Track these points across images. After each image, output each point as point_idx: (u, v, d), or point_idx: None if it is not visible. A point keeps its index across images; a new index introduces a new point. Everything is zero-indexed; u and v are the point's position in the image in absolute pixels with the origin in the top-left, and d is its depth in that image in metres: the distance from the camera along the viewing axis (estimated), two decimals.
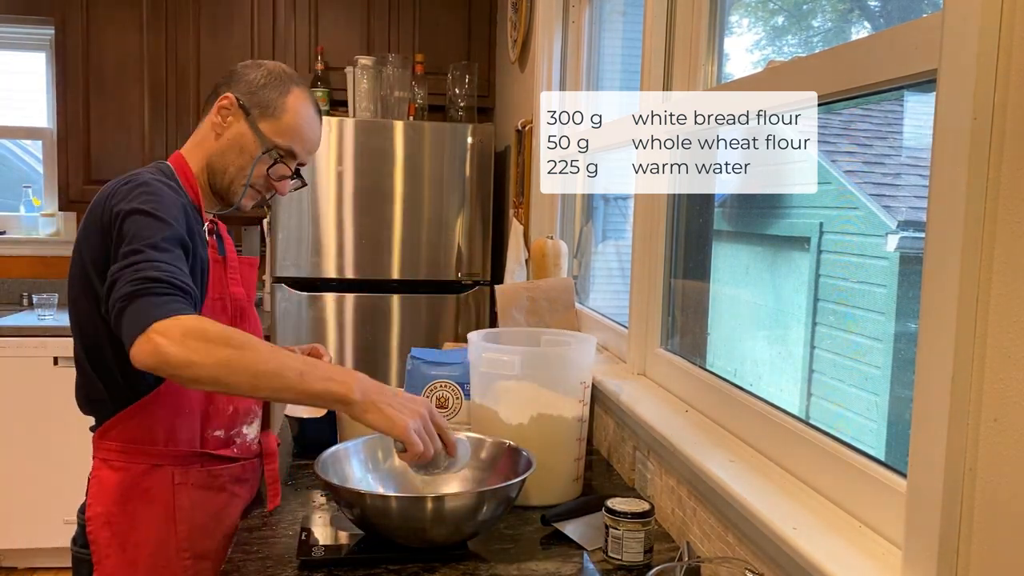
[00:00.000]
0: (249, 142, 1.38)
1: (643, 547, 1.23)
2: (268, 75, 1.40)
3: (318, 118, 1.46)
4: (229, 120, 1.39)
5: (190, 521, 1.34)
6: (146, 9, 3.37)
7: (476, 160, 3.18)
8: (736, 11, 1.82)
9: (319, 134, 1.46)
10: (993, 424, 0.72)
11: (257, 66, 1.42)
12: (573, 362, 1.51)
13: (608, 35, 2.53)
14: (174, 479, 1.33)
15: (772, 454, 1.22)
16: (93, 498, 1.33)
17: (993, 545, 0.72)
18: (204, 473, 1.36)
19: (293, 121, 1.40)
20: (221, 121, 1.39)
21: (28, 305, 3.65)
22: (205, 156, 1.41)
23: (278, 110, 1.39)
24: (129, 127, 3.41)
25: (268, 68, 1.42)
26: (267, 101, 1.39)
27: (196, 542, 1.35)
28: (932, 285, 0.78)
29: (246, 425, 1.46)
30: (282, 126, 1.39)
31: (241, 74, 1.41)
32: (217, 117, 1.39)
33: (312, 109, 1.44)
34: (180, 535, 1.33)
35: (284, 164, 1.42)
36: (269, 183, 1.43)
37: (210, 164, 1.40)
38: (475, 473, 1.39)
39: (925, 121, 0.85)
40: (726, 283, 1.86)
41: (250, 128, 1.38)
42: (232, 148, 1.39)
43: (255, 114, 1.38)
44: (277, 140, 1.39)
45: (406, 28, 3.55)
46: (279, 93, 1.39)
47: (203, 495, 1.36)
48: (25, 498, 3.19)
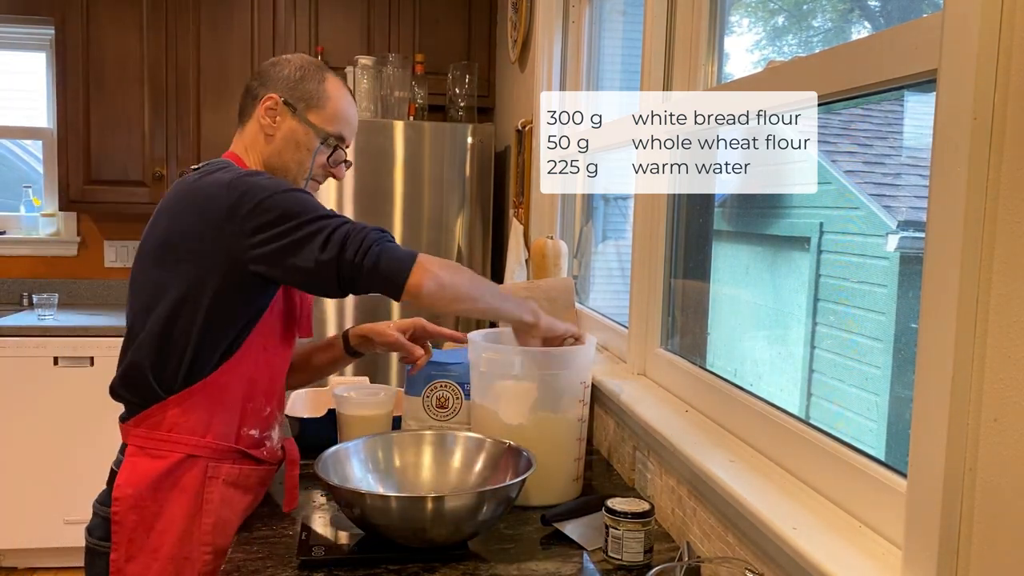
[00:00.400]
0: (302, 136, 1.42)
1: (643, 547, 1.23)
2: (301, 68, 1.44)
3: (352, 99, 1.50)
4: (278, 120, 1.42)
5: (216, 515, 1.35)
6: (146, 9, 3.37)
7: (476, 160, 3.18)
8: (736, 11, 1.82)
9: (355, 114, 1.51)
10: (993, 424, 0.72)
11: (286, 62, 1.45)
12: (573, 362, 1.51)
13: (608, 35, 2.53)
14: (207, 472, 1.35)
15: (772, 454, 1.22)
16: (124, 480, 1.33)
17: (993, 545, 0.72)
18: (236, 471, 1.38)
19: (337, 106, 1.45)
20: (271, 122, 1.42)
21: (28, 305, 3.64)
22: (261, 158, 1.44)
23: (321, 99, 1.43)
24: (129, 127, 3.41)
25: (297, 62, 1.45)
26: (309, 93, 1.42)
27: (218, 537, 1.35)
28: (932, 285, 0.78)
29: (274, 429, 1.47)
30: (329, 114, 1.44)
31: (274, 73, 1.44)
32: (266, 119, 1.42)
33: (347, 91, 1.49)
34: (204, 528, 1.34)
35: (341, 149, 1.47)
36: (327, 170, 1.48)
37: (268, 165, 1.43)
38: (475, 473, 1.39)
39: (925, 121, 0.85)
40: (726, 283, 1.86)
41: (300, 123, 1.42)
42: (288, 146, 1.43)
43: (301, 108, 1.42)
44: (328, 128, 1.43)
45: (406, 28, 3.55)
46: (317, 82, 1.43)
47: (231, 492, 1.37)
48: (25, 498, 3.19)
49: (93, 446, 1.42)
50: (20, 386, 3.16)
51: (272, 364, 1.43)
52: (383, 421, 1.66)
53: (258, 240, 1.27)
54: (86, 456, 2.94)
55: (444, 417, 1.74)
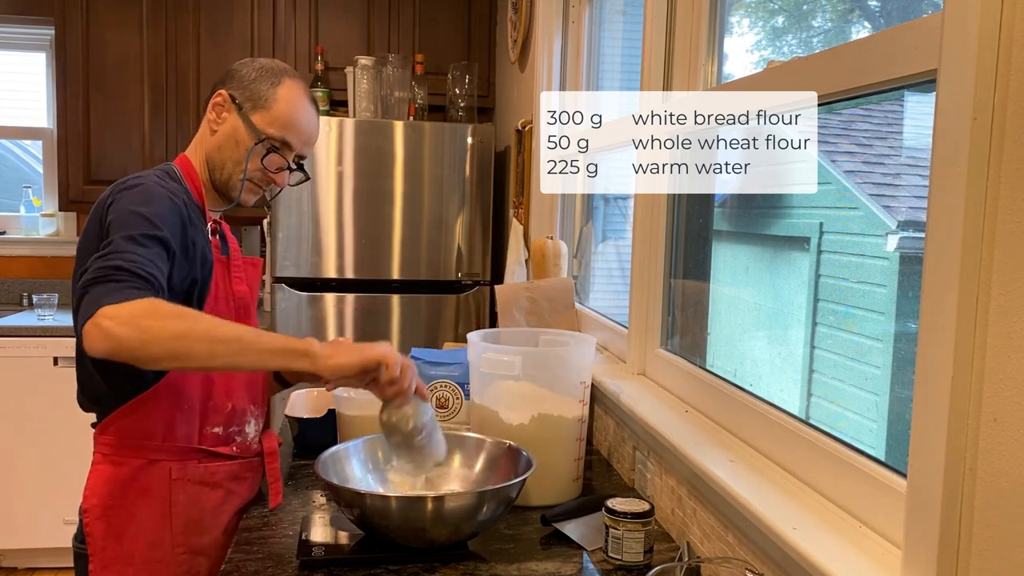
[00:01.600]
0: (243, 135, 1.39)
1: (643, 547, 1.23)
2: (260, 69, 1.42)
3: (313, 109, 1.46)
4: (224, 116, 1.40)
5: (186, 516, 1.34)
6: (146, 9, 3.37)
7: (476, 160, 3.18)
8: (736, 11, 1.82)
9: (315, 125, 1.46)
10: (993, 424, 0.72)
11: (251, 62, 1.44)
12: (573, 362, 1.51)
13: (608, 35, 2.53)
14: (171, 474, 1.34)
15: (772, 454, 1.22)
16: (90, 491, 1.34)
17: (993, 545, 0.72)
18: (201, 469, 1.37)
19: (285, 110, 1.40)
20: (216, 117, 1.41)
21: (28, 305, 3.64)
22: (204, 152, 1.42)
23: (269, 101, 1.40)
24: (129, 127, 3.41)
25: (261, 63, 1.43)
26: (258, 93, 1.40)
27: (191, 537, 1.35)
28: (932, 285, 0.78)
29: (247, 424, 1.46)
30: (273, 116, 1.40)
31: (236, 71, 1.43)
32: (212, 114, 1.41)
33: (306, 100, 1.44)
34: (175, 530, 1.34)
35: (278, 154, 1.42)
36: (267, 175, 1.43)
37: (209, 159, 1.42)
38: (475, 473, 1.39)
39: (925, 121, 0.85)
40: (726, 283, 1.86)
41: (242, 121, 1.39)
42: (227, 142, 1.40)
43: (247, 107, 1.40)
44: (269, 130, 1.40)
45: (406, 28, 3.55)
46: (270, 84, 1.41)
47: (199, 491, 1.36)
48: (25, 498, 3.19)
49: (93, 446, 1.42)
50: (20, 386, 3.16)
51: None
52: None
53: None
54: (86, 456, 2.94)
55: (444, 417, 1.74)
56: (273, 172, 1.43)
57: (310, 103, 1.45)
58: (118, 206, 1.23)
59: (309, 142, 1.46)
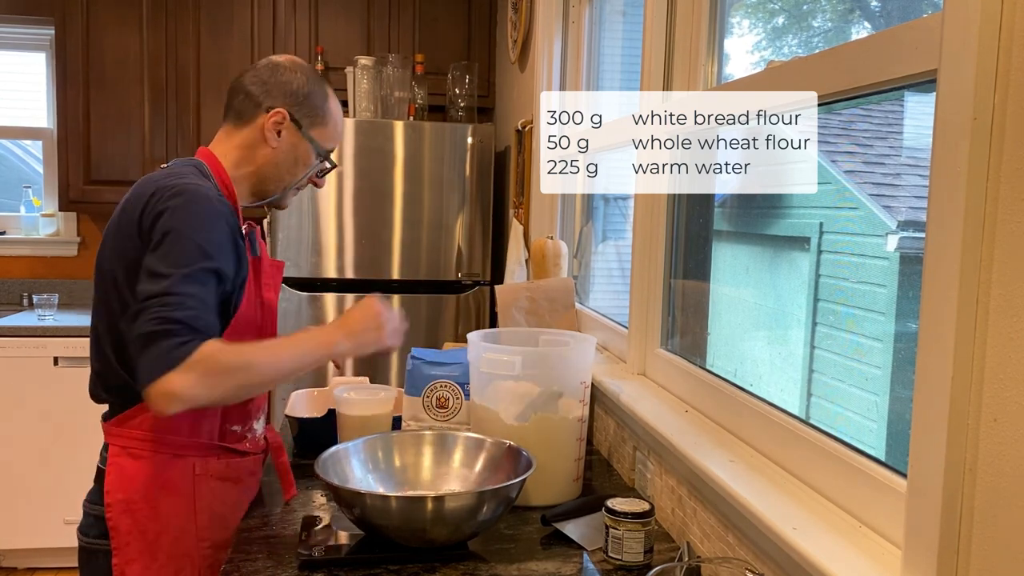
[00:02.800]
0: (303, 152, 1.43)
1: (643, 547, 1.23)
2: (308, 81, 1.43)
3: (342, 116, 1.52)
4: (283, 135, 1.41)
5: (210, 511, 1.37)
6: (146, 9, 3.37)
7: (476, 160, 3.18)
8: (736, 11, 1.82)
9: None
10: (993, 424, 0.72)
11: (290, 72, 1.42)
12: (573, 362, 1.51)
13: (608, 35, 2.53)
14: (195, 469, 1.36)
15: (772, 454, 1.22)
16: (113, 486, 1.33)
17: (993, 545, 0.72)
18: (223, 465, 1.39)
19: (336, 124, 1.48)
20: (275, 136, 1.41)
21: (28, 305, 3.64)
22: (255, 166, 1.42)
23: (324, 117, 1.44)
24: (129, 127, 3.41)
25: (301, 74, 1.43)
26: (315, 110, 1.43)
27: (215, 531, 1.37)
28: (932, 285, 0.78)
29: (256, 421, 1.48)
30: (328, 132, 1.46)
31: (279, 82, 1.41)
32: (271, 132, 1.40)
33: (340, 109, 1.50)
34: (200, 524, 1.36)
35: (329, 163, 1.49)
36: (311, 180, 1.50)
37: (262, 173, 1.43)
38: (475, 473, 1.39)
39: (925, 121, 0.85)
40: (726, 283, 1.86)
41: (305, 139, 1.42)
42: (288, 159, 1.43)
43: (306, 125, 1.42)
44: (328, 145, 1.46)
45: (406, 28, 3.55)
46: (322, 99, 1.44)
47: (222, 486, 1.39)
48: (25, 498, 3.19)
49: (93, 446, 1.42)
50: (20, 386, 3.16)
51: None
52: (383, 421, 1.66)
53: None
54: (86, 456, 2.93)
55: (444, 417, 1.74)
56: (319, 178, 1.50)
57: (341, 112, 1.51)
58: (173, 223, 1.23)
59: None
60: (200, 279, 1.21)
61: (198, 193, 1.27)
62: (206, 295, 1.22)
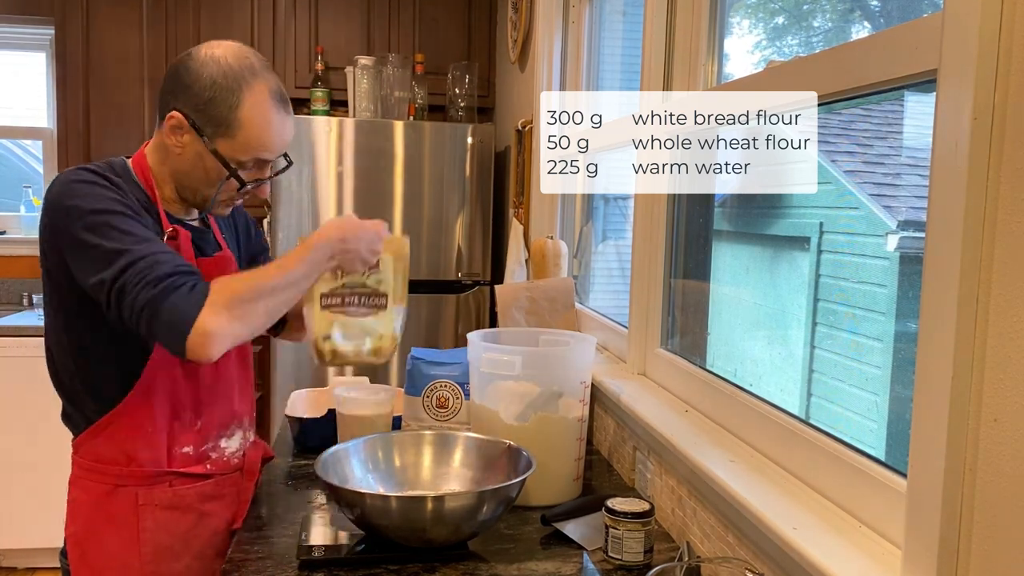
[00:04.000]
0: (210, 163, 1.26)
1: (643, 547, 1.23)
2: (213, 85, 1.23)
3: (281, 112, 1.29)
4: (184, 139, 1.26)
5: (154, 543, 1.30)
6: (146, 8, 3.37)
7: (476, 160, 3.18)
8: (736, 11, 1.82)
9: (286, 129, 1.31)
10: (993, 424, 0.72)
11: (200, 69, 1.24)
12: (573, 362, 1.51)
13: (608, 35, 2.53)
14: (138, 499, 1.29)
15: (772, 454, 1.22)
16: (68, 518, 1.32)
17: (993, 545, 0.72)
18: (170, 493, 1.31)
19: (252, 133, 1.25)
20: (176, 141, 1.26)
21: (28, 305, 3.64)
22: (171, 172, 1.31)
23: (232, 127, 1.24)
24: (129, 127, 3.41)
25: (211, 73, 1.24)
26: (218, 118, 1.24)
27: (161, 564, 1.30)
28: (932, 285, 0.78)
29: (224, 439, 1.40)
30: (240, 143, 1.25)
31: (186, 85, 1.25)
32: (171, 138, 1.26)
33: (273, 108, 1.27)
34: (144, 557, 1.29)
35: (253, 172, 1.31)
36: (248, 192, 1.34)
37: (178, 181, 1.31)
38: (475, 473, 1.39)
39: (925, 121, 0.85)
40: (726, 283, 1.86)
41: (207, 149, 1.25)
42: (194, 169, 1.28)
43: (209, 133, 1.25)
44: (240, 157, 1.27)
45: (406, 28, 3.55)
46: (228, 107, 1.23)
47: (168, 516, 1.31)
48: (25, 498, 3.19)
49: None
50: (20, 386, 3.16)
51: (199, 375, 1.33)
52: (383, 421, 1.66)
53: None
54: None
55: (444, 417, 1.74)
56: (251, 186, 1.32)
57: (278, 107, 1.28)
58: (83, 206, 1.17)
59: (285, 147, 1.34)
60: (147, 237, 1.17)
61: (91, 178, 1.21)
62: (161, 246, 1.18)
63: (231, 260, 1.44)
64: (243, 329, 1.19)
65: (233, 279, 1.20)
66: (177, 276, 1.14)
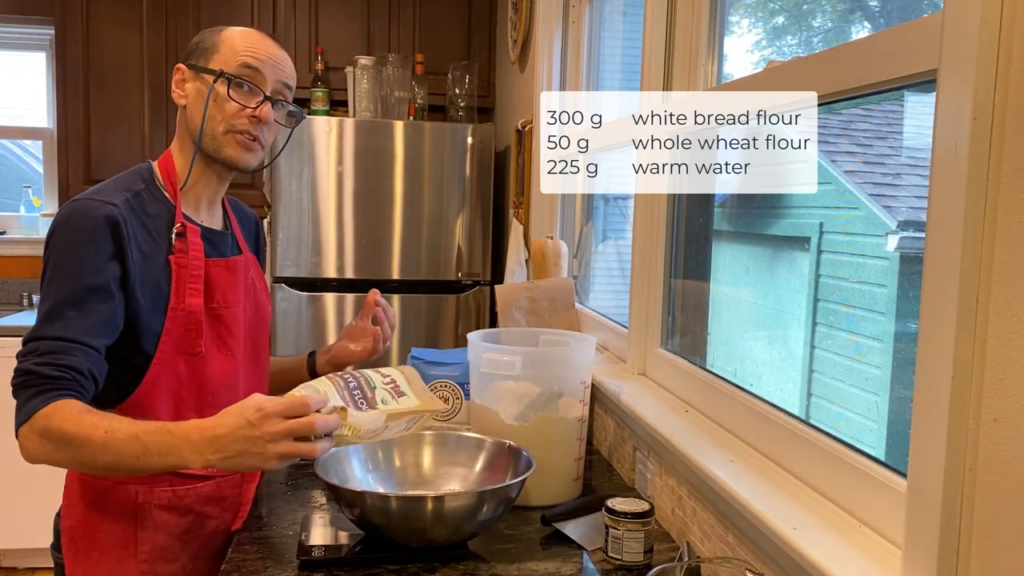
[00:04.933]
0: (203, 87, 1.31)
1: (643, 547, 1.23)
2: (203, 32, 1.39)
3: (269, 40, 1.37)
4: (185, 86, 1.34)
5: (152, 543, 1.30)
6: (146, 9, 3.38)
7: (476, 160, 3.18)
8: (736, 11, 1.82)
9: (275, 48, 1.36)
10: (993, 424, 0.72)
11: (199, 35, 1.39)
12: (573, 362, 1.51)
13: (608, 35, 2.53)
14: (138, 498, 1.29)
15: (772, 454, 1.22)
16: (65, 510, 1.32)
17: (993, 545, 0.72)
18: (169, 493, 1.31)
19: (231, 44, 1.33)
20: (181, 92, 1.35)
21: (28, 305, 3.65)
22: (185, 131, 1.36)
23: (213, 48, 1.33)
24: (129, 127, 3.42)
25: (209, 29, 1.39)
26: (204, 47, 1.34)
27: (157, 564, 1.30)
28: (932, 285, 0.78)
29: None
30: (223, 54, 1.32)
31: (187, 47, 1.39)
32: (176, 91, 1.36)
33: (255, 31, 1.37)
34: (141, 556, 1.29)
35: (247, 84, 1.31)
36: (249, 115, 1.31)
37: (191, 133, 1.34)
38: (475, 473, 1.39)
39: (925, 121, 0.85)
40: (726, 283, 1.86)
41: (199, 76, 1.32)
42: (195, 105, 1.32)
43: (201, 64, 1.33)
44: (223, 67, 1.31)
45: (406, 28, 3.55)
46: (211, 34, 1.36)
47: (167, 516, 1.31)
48: (25, 498, 3.19)
49: None
50: None
51: (204, 374, 1.32)
52: None
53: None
54: None
55: (444, 417, 1.74)
56: (252, 108, 1.31)
57: (262, 35, 1.37)
58: (47, 250, 1.22)
59: (277, 66, 1.34)
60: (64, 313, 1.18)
61: (76, 210, 1.22)
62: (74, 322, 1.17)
63: (251, 263, 1.46)
64: (48, 462, 1.16)
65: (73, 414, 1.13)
66: (31, 376, 1.15)
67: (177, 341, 1.29)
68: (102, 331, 1.20)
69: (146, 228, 1.27)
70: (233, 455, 1.08)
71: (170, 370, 1.29)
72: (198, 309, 1.30)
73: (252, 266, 1.46)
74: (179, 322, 1.29)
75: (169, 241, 1.29)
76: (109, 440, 1.11)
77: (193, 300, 1.30)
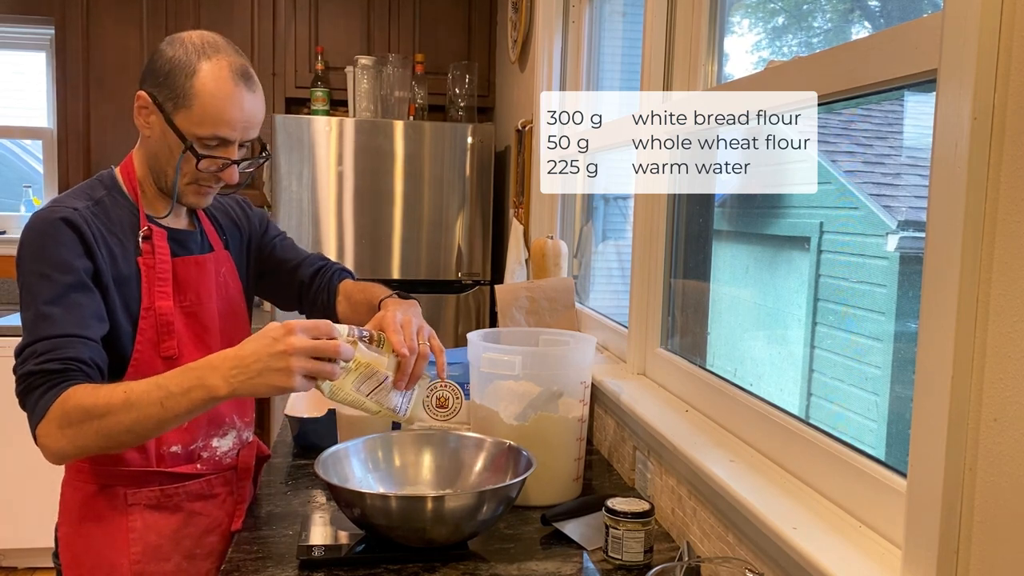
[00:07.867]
0: (172, 141, 1.26)
1: (643, 547, 1.23)
2: (171, 59, 1.24)
3: (243, 88, 1.26)
4: (151, 119, 1.27)
5: (143, 543, 1.29)
6: (146, 8, 3.38)
7: (476, 160, 3.18)
8: (736, 11, 1.82)
9: (250, 106, 1.27)
10: (993, 424, 0.72)
11: (168, 48, 1.26)
12: (573, 362, 1.51)
13: (608, 35, 2.53)
14: (126, 499, 1.29)
15: (772, 454, 1.22)
16: (61, 517, 1.33)
17: (993, 545, 0.72)
18: (158, 492, 1.31)
19: (207, 104, 1.23)
20: (144, 122, 1.29)
21: None
22: (145, 159, 1.33)
23: (188, 97, 1.23)
24: (129, 127, 3.35)
25: (174, 50, 1.25)
26: (175, 91, 1.23)
27: (150, 564, 1.30)
28: (932, 285, 0.78)
29: (216, 438, 1.38)
30: (196, 115, 1.24)
31: (152, 64, 1.27)
32: (139, 119, 1.29)
33: (231, 81, 1.25)
34: (133, 557, 1.28)
35: (217, 152, 1.27)
36: (215, 174, 1.30)
37: (151, 167, 1.32)
38: (475, 473, 1.39)
39: (925, 121, 0.85)
40: (726, 283, 1.86)
41: (168, 125, 1.25)
42: (161, 149, 1.28)
43: (169, 108, 1.25)
44: (197, 131, 1.24)
45: (406, 28, 3.55)
46: (184, 76, 1.23)
47: (157, 516, 1.31)
48: (25, 498, 3.19)
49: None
50: None
51: None
52: (383, 421, 1.66)
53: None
54: None
55: (444, 417, 1.74)
56: (218, 170, 1.29)
57: (237, 80, 1.25)
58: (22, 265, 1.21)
59: (248, 127, 1.28)
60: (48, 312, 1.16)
61: (36, 219, 1.22)
62: (64, 318, 1.16)
63: (223, 261, 1.44)
64: (74, 450, 1.14)
65: (89, 390, 1.12)
66: (35, 377, 1.14)
67: (153, 342, 1.29)
68: (93, 322, 1.20)
69: (112, 232, 1.26)
70: (255, 374, 1.07)
71: (149, 372, 1.27)
72: (168, 311, 1.30)
73: (224, 263, 1.44)
74: (151, 323, 1.29)
75: (136, 244, 1.29)
76: (130, 397, 1.10)
77: (163, 303, 1.29)
